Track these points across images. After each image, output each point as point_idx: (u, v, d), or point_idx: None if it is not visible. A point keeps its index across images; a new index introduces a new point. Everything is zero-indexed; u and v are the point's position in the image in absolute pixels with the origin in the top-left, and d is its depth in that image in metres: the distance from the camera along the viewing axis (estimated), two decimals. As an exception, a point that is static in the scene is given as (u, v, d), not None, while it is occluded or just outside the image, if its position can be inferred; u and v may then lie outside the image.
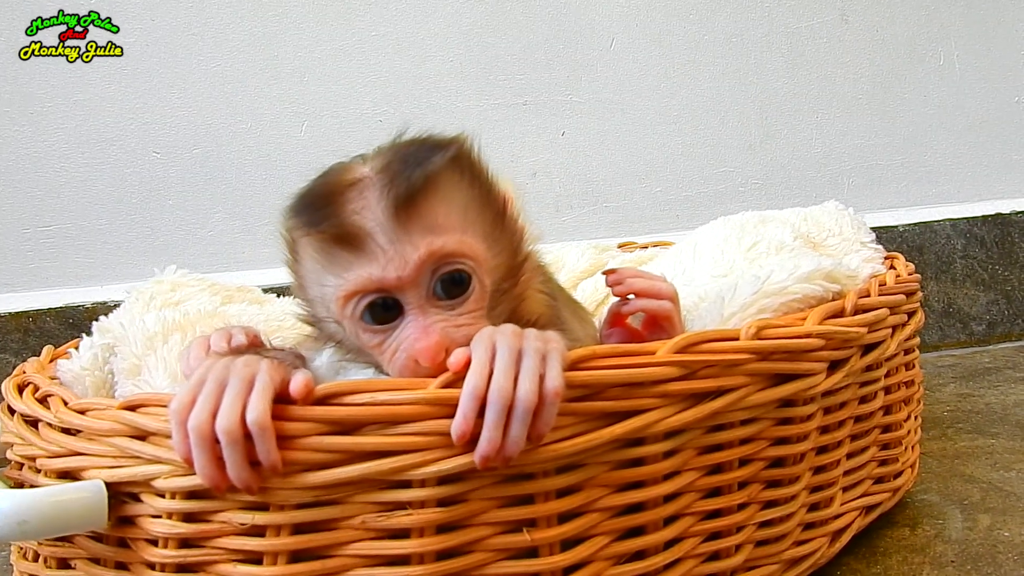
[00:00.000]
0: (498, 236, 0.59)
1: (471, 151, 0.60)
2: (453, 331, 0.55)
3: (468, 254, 0.55)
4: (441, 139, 0.59)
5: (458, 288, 0.56)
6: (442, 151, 0.57)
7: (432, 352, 0.53)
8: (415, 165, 0.55)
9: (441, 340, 0.54)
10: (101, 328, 0.73)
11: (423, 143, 0.58)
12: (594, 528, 0.52)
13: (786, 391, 0.58)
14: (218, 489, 0.47)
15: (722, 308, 0.64)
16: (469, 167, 0.58)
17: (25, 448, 0.58)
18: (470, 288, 0.56)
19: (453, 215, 0.56)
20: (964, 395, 1.21)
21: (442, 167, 0.56)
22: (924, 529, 0.76)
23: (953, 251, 1.56)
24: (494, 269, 0.58)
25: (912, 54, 1.59)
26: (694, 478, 0.56)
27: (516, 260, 0.60)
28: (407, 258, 0.54)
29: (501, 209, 0.60)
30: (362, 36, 1.41)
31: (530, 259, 0.63)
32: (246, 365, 0.49)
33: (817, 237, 0.87)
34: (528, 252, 0.62)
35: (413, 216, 0.54)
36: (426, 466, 0.48)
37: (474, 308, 0.56)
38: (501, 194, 0.60)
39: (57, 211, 1.33)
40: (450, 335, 0.54)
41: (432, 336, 0.54)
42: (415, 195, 0.54)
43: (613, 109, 1.51)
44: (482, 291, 0.57)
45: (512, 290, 0.60)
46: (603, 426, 0.51)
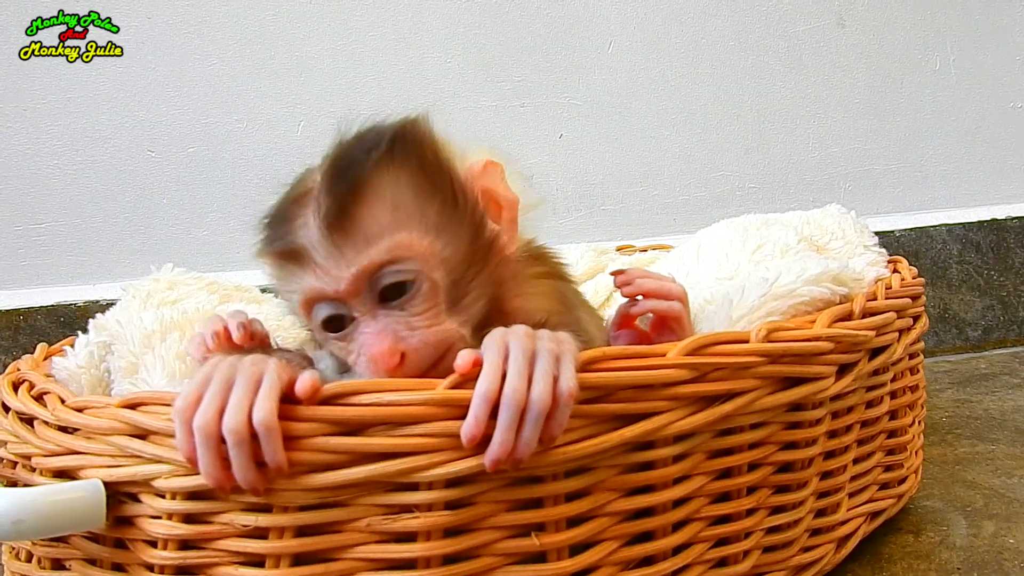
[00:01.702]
0: (449, 223, 0.57)
1: (416, 137, 0.58)
2: (406, 333, 0.55)
3: (406, 256, 0.55)
4: (381, 129, 0.58)
5: (402, 291, 0.56)
6: (375, 148, 0.56)
7: (383, 358, 0.54)
8: (345, 172, 0.56)
9: (393, 345, 0.54)
10: (98, 326, 0.72)
11: (361, 140, 0.58)
12: (603, 533, 0.51)
13: (796, 395, 0.57)
14: (223, 489, 0.46)
15: (730, 310, 0.63)
16: (409, 159, 0.57)
17: (20, 446, 0.56)
18: (415, 288, 0.56)
19: (385, 219, 0.55)
20: (962, 401, 1.20)
21: (372, 169, 0.56)
22: (928, 535, 0.76)
23: (949, 256, 1.56)
24: (447, 260, 0.57)
25: (909, 59, 1.59)
26: (703, 482, 0.55)
27: (478, 242, 0.59)
28: (340, 274, 0.55)
29: (450, 193, 0.58)
30: (359, 36, 1.40)
31: (503, 236, 0.61)
32: (253, 364, 0.48)
33: (820, 240, 0.86)
34: (495, 230, 0.60)
35: (345, 229, 0.55)
36: (434, 468, 0.47)
37: (427, 307, 0.56)
38: (451, 176, 0.59)
39: (50, 209, 1.31)
40: (403, 338, 0.55)
41: (384, 341, 0.55)
42: (345, 207, 0.55)
43: (611, 112, 1.50)
44: (432, 288, 0.56)
45: (482, 273, 0.59)
46: (613, 429, 0.50)
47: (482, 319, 0.58)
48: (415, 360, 0.55)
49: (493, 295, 0.60)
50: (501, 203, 0.61)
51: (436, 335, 0.56)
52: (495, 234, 0.60)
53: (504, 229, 0.61)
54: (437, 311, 0.56)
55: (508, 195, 0.61)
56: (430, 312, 0.56)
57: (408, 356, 0.55)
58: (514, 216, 0.62)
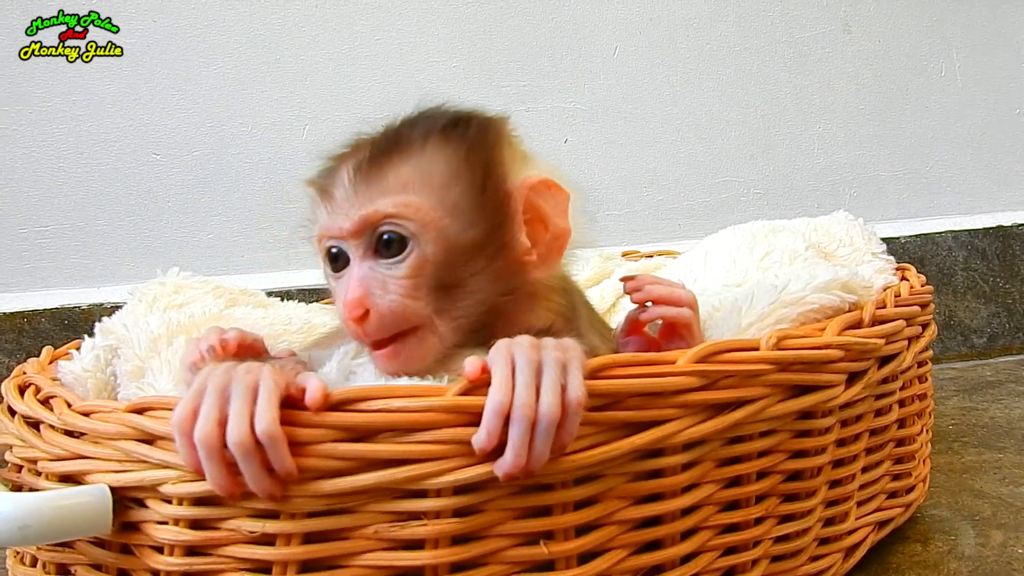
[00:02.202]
0: (466, 209, 0.58)
1: (475, 126, 0.60)
2: (379, 292, 0.57)
3: (411, 217, 0.57)
4: (450, 111, 0.61)
5: (393, 249, 0.57)
6: (432, 121, 0.60)
7: (349, 308, 0.57)
8: (394, 132, 0.60)
9: (362, 296, 0.57)
10: (104, 329, 0.71)
11: (425, 114, 0.61)
12: (611, 541, 0.51)
13: (806, 403, 0.57)
14: (232, 496, 0.46)
15: (739, 318, 0.63)
16: (458, 141, 0.59)
17: (26, 450, 0.56)
18: (406, 251, 0.57)
19: (407, 179, 0.58)
20: (968, 409, 1.20)
21: (417, 137, 0.59)
22: (936, 545, 0.75)
23: (954, 263, 1.55)
24: (448, 241, 0.58)
25: (914, 65, 1.59)
26: (712, 491, 0.55)
27: (491, 242, 0.59)
28: (350, 214, 0.58)
29: (480, 183, 0.59)
30: (364, 40, 1.40)
31: (532, 255, 0.61)
32: (248, 372, 0.47)
33: (828, 247, 0.86)
34: (523, 244, 0.60)
35: (368, 177, 0.58)
36: (442, 475, 0.46)
37: (410, 275, 0.57)
38: (490, 169, 0.60)
39: (54, 211, 1.31)
40: (373, 294, 0.57)
41: (355, 290, 0.57)
42: (377, 159, 0.58)
43: (616, 117, 1.50)
44: (422, 259, 0.57)
45: (483, 273, 0.59)
46: (622, 436, 0.50)
47: (479, 323, 0.59)
48: (375, 322, 0.57)
49: (497, 304, 0.60)
50: (548, 226, 0.61)
51: (402, 307, 0.57)
52: (520, 246, 0.60)
53: (540, 251, 0.61)
54: (417, 284, 0.57)
55: (559, 223, 0.61)
56: (410, 283, 0.57)
57: (371, 315, 0.57)
58: (559, 246, 0.62)
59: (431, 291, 0.58)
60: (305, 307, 0.91)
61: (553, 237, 0.61)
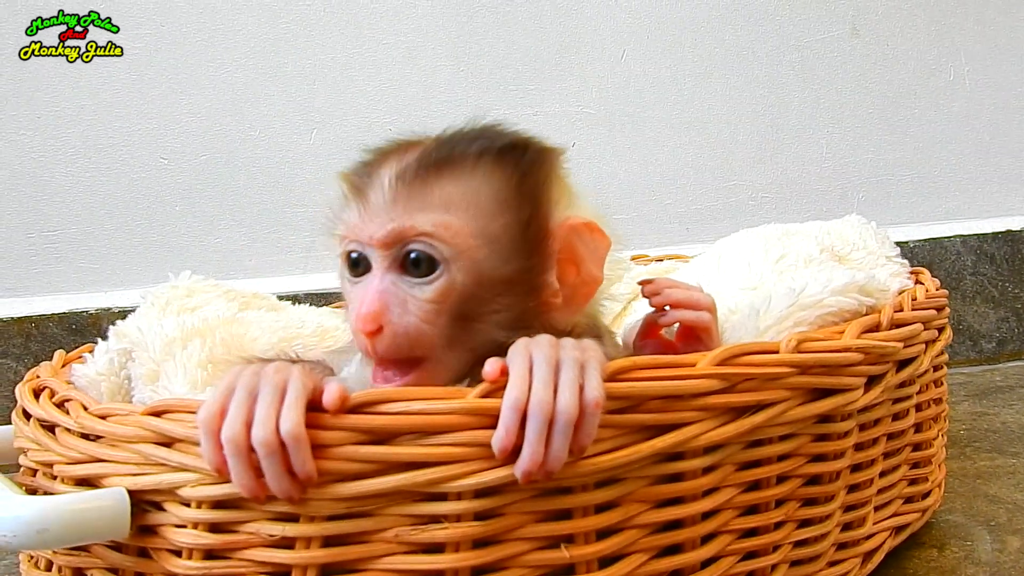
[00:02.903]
0: (505, 244, 0.56)
1: (531, 157, 0.58)
2: (397, 309, 0.54)
3: (448, 240, 0.54)
4: (509, 133, 0.59)
5: (421, 269, 0.54)
6: (489, 141, 0.56)
7: (363, 320, 0.54)
8: (447, 144, 0.56)
9: (379, 311, 0.54)
10: (118, 332, 0.71)
11: (484, 130, 0.58)
12: (632, 545, 0.51)
13: (825, 406, 0.57)
14: (257, 499, 0.46)
15: (757, 320, 0.62)
16: (510, 169, 0.56)
17: (41, 454, 0.56)
18: (435, 274, 0.54)
19: (450, 199, 0.55)
20: (979, 413, 1.19)
21: (470, 155, 0.56)
22: (952, 551, 0.75)
23: (963, 268, 1.55)
24: (481, 273, 0.55)
25: (923, 69, 1.59)
26: (732, 495, 0.54)
27: (522, 281, 0.56)
28: (384, 223, 0.54)
29: (525, 220, 0.56)
30: (372, 45, 1.40)
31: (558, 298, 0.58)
32: (277, 372, 0.47)
33: (841, 251, 0.85)
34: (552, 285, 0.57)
35: (410, 187, 0.55)
36: (463, 478, 0.46)
37: (435, 299, 0.54)
38: (538, 209, 0.57)
39: (62, 215, 1.31)
40: (391, 311, 0.54)
41: (373, 304, 0.54)
42: (423, 170, 0.55)
43: (623, 121, 1.50)
44: (450, 286, 0.54)
45: (505, 312, 0.56)
46: (643, 439, 0.50)
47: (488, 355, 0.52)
48: (387, 341, 0.54)
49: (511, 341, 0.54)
50: (580, 271, 0.59)
51: (418, 331, 0.54)
52: (548, 287, 0.58)
53: (566, 293, 0.58)
54: (438, 311, 0.54)
55: (592, 270, 0.59)
56: (432, 307, 0.54)
57: (384, 332, 0.54)
58: (586, 293, 0.60)
59: (450, 320, 0.55)
60: (317, 311, 0.91)
61: (582, 282, 0.59)
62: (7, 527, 0.47)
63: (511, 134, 0.59)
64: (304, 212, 1.37)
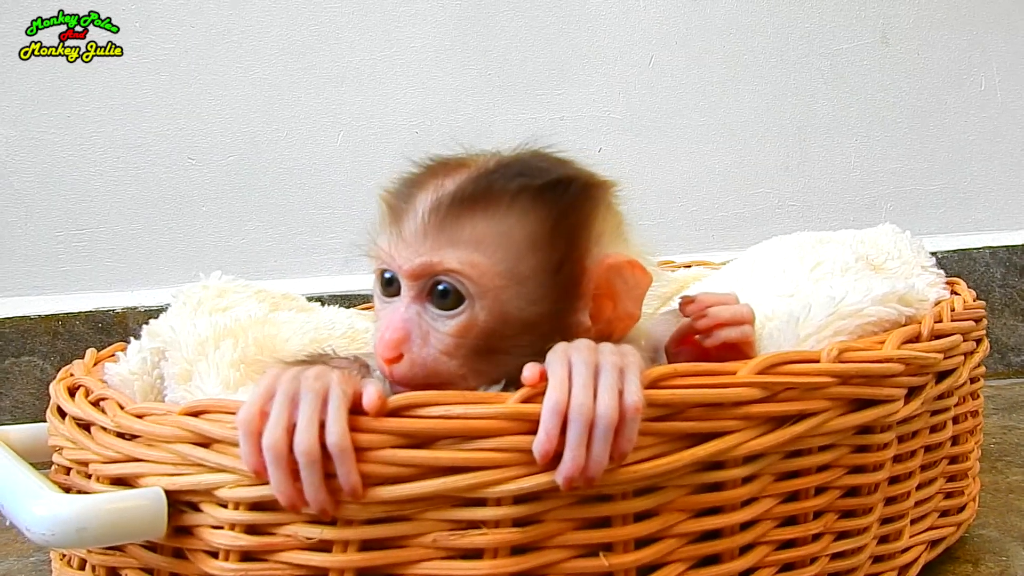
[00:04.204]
0: (534, 284, 0.55)
1: (573, 194, 0.56)
2: (419, 342, 0.55)
3: (474, 279, 0.53)
4: (552, 167, 0.57)
5: (447, 303, 0.54)
6: (529, 177, 0.55)
7: (385, 347, 0.54)
8: (487, 176, 0.55)
9: (401, 339, 0.54)
10: (151, 332, 0.71)
11: (528, 162, 0.57)
12: (671, 555, 0.50)
13: (866, 417, 0.56)
14: (294, 508, 0.45)
15: (796, 328, 0.61)
16: (547, 208, 0.55)
17: (76, 452, 0.56)
18: (460, 310, 0.54)
19: (481, 236, 0.54)
20: (1009, 427, 1.18)
21: (509, 192, 0.54)
22: (988, 566, 0.74)
23: (992, 279, 1.53)
24: (505, 311, 0.54)
25: (954, 78, 1.57)
26: (771, 505, 0.54)
27: (553, 320, 0.55)
28: (412, 256, 0.55)
29: (557, 262, 0.55)
30: (400, 47, 1.40)
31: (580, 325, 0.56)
32: (317, 378, 0.47)
33: (876, 260, 0.84)
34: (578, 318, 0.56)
35: (442, 220, 0.54)
36: (503, 484, 0.46)
37: (456, 334, 0.54)
38: (572, 250, 0.56)
39: (90, 214, 1.32)
40: (411, 342, 0.55)
41: (396, 332, 0.55)
42: (457, 203, 0.54)
43: (650, 127, 1.49)
44: (471, 322, 0.54)
45: (535, 344, 0.52)
46: (684, 447, 0.49)
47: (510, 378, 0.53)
48: (405, 368, 0.55)
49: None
50: (616, 307, 0.58)
51: (436, 363, 0.55)
52: (579, 326, 0.56)
53: (599, 327, 0.57)
54: (459, 345, 0.54)
55: (628, 307, 0.58)
56: (453, 341, 0.54)
57: (403, 360, 0.55)
58: (621, 328, 0.58)
59: (471, 353, 0.55)
60: (347, 312, 0.91)
61: (617, 318, 0.58)
62: (46, 525, 0.47)
63: (557, 168, 0.57)
64: (331, 214, 1.37)
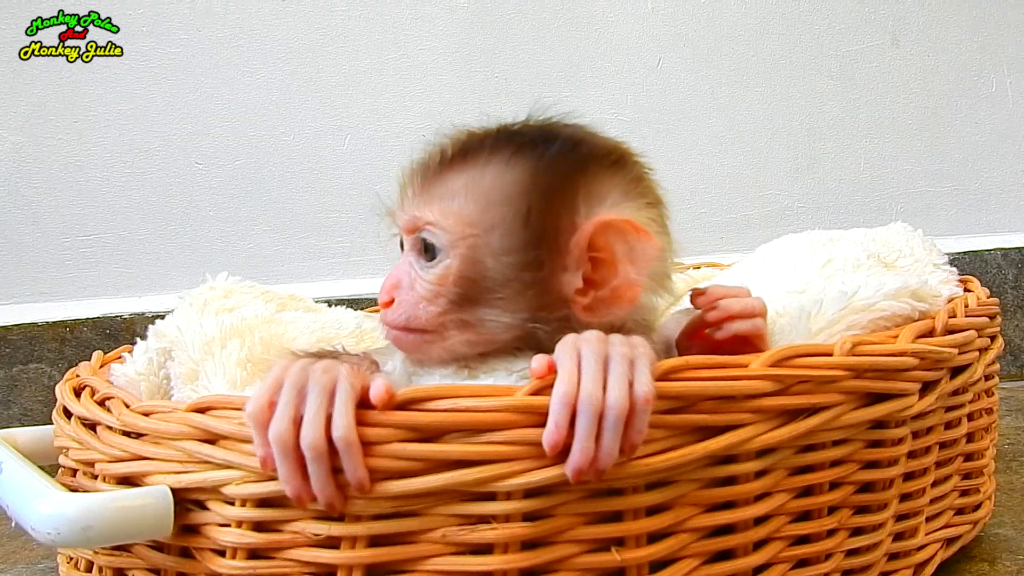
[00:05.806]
0: (509, 237, 0.56)
1: (562, 154, 0.58)
2: (407, 286, 0.59)
3: (445, 228, 0.57)
4: (536, 129, 0.61)
5: (429, 254, 0.58)
6: (509, 138, 0.59)
7: (382, 290, 0.60)
8: (473, 139, 0.60)
9: (394, 284, 0.60)
10: (157, 332, 0.71)
11: (519, 128, 0.61)
12: (684, 550, 0.49)
13: (880, 411, 0.55)
14: (301, 503, 0.45)
15: (808, 323, 0.61)
16: (522, 166, 0.57)
17: (82, 452, 0.55)
18: (438, 260, 0.57)
19: (458, 190, 0.57)
20: (1023, 428, 1.17)
21: (486, 149, 0.58)
22: (1004, 564, 0.73)
23: (1004, 281, 1.52)
24: (482, 263, 0.56)
25: (964, 80, 1.56)
26: (784, 500, 0.53)
27: (527, 272, 0.56)
28: (403, 213, 0.60)
29: (527, 212, 0.56)
30: (407, 51, 1.40)
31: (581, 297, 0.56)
32: (325, 372, 0.46)
33: (887, 257, 0.83)
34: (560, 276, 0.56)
35: (427, 179, 0.59)
36: (512, 477, 0.45)
37: (435, 282, 0.57)
38: (554, 203, 0.56)
39: (97, 220, 1.32)
40: (402, 287, 0.59)
41: (390, 278, 0.60)
42: (442, 163, 0.59)
43: (659, 129, 1.49)
44: (448, 270, 0.57)
45: (514, 299, 0.56)
46: (695, 441, 0.48)
47: (509, 346, 0.57)
48: (394, 311, 0.59)
49: (533, 332, 0.56)
50: (617, 272, 0.56)
51: (417, 308, 0.58)
52: (567, 285, 0.56)
53: (599, 294, 0.56)
54: (438, 292, 0.57)
55: (628, 272, 0.56)
56: (433, 289, 0.58)
57: (394, 304, 0.59)
58: (623, 297, 0.56)
59: (452, 302, 0.57)
60: (355, 313, 0.90)
61: (619, 284, 0.56)
62: (52, 524, 0.46)
63: (550, 128, 0.61)
64: (338, 217, 1.37)
